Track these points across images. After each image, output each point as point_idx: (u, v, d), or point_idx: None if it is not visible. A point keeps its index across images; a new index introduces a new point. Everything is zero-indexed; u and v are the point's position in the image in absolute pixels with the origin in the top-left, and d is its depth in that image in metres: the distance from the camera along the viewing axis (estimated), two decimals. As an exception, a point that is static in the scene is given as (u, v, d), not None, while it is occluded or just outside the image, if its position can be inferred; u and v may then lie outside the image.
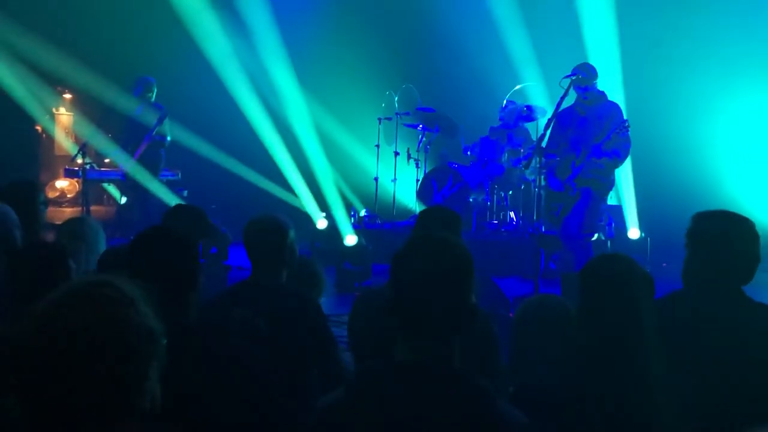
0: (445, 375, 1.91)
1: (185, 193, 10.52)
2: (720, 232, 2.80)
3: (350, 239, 8.81)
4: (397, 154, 10.31)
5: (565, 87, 6.93)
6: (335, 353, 3.36)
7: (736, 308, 2.77)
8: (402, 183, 10.48)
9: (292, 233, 3.45)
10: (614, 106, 7.24)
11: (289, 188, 11.14)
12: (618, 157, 7.04)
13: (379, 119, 10.44)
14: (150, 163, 9.44)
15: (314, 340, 3.25)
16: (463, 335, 1.96)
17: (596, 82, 7.25)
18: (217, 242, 6.93)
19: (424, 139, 10.22)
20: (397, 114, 10.41)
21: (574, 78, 7.02)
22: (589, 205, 7.04)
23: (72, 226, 4.16)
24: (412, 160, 10.23)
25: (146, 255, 2.43)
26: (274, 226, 3.42)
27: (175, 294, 2.34)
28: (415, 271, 1.93)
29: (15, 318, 1.53)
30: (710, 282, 2.79)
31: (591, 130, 7.10)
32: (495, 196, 9.67)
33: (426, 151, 10.22)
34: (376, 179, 10.37)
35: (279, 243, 3.38)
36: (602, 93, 7.30)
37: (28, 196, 4.32)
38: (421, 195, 9.87)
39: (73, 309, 1.48)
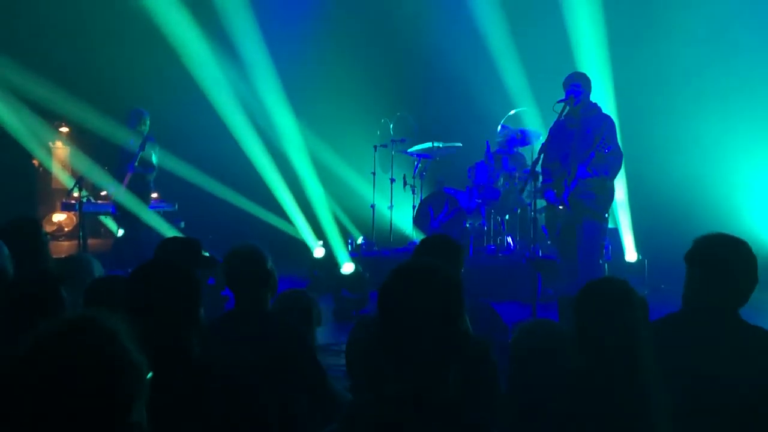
0: (437, 408, 1.87)
1: (182, 224, 10.50)
2: (719, 255, 2.83)
3: (347, 267, 8.77)
4: (393, 180, 10.30)
5: (559, 111, 6.93)
6: (325, 382, 3.33)
7: (734, 331, 2.78)
8: (398, 209, 10.46)
9: (270, 259, 3.45)
10: (605, 119, 7.08)
11: (285, 217, 11.13)
12: (606, 175, 6.94)
13: (375, 147, 10.45)
14: (138, 192, 9.33)
15: (303, 369, 3.22)
16: (456, 364, 1.93)
17: (590, 93, 7.19)
18: (214, 273, 6.89)
19: (419, 165, 10.21)
20: (392, 141, 10.42)
21: (567, 100, 7.00)
22: (593, 236, 6.99)
23: (63, 266, 4.12)
24: (408, 187, 10.22)
25: (145, 289, 2.39)
26: (254, 255, 3.41)
27: (175, 329, 2.31)
28: (402, 301, 1.90)
29: (7, 350, 1.53)
30: (709, 304, 2.80)
31: (579, 145, 6.99)
32: (491, 221, 9.64)
33: (422, 177, 10.22)
34: (372, 206, 10.35)
35: (261, 271, 3.38)
36: (595, 105, 7.23)
37: (31, 232, 4.27)
38: (417, 221, 9.85)
39: (53, 346, 1.49)
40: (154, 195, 10.19)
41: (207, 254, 5.93)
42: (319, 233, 10.36)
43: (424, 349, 1.89)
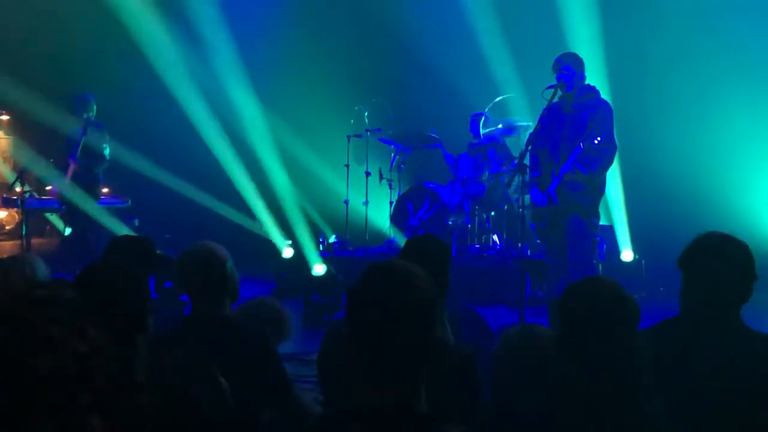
0: (411, 420, 1.88)
1: (136, 222, 10.47)
2: (714, 256, 2.90)
3: (319, 268, 8.78)
4: (368, 174, 10.32)
5: (548, 98, 6.96)
6: (291, 393, 3.34)
7: (734, 338, 2.84)
8: (374, 205, 10.48)
9: (230, 261, 3.44)
10: (602, 106, 7.07)
11: (251, 214, 11.09)
12: (594, 170, 6.95)
13: (349, 137, 10.46)
14: (85, 186, 9.15)
15: (265, 378, 3.23)
16: (429, 373, 1.94)
17: (584, 74, 7.19)
18: (171, 275, 6.87)
19: (397, 157, 10.24)
20: (367, 131, 10.43)
21: (557, 86, 7.02)
22: (583, 233, 7.03)
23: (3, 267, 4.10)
24: (384, 181, 10.25)
25: (89, 293, 2.40)
26: (210, 256, 3.41)
27: (121, 335, 2.32)
28: (372, 305, 1.91)
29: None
30: (708, 307, 2.85)
31: (571, 132, 6.98)
32: (476, 218, 9.70)
33: (400, 170, 10.24)
34: (346, 202, 10.37)
35: (218, 273, 3.38)
36: (592, 88, 7.22)
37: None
38: (395, 218, 9.88)
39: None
40: (105, 190, 10.14)
41: (163, 255, 5.93)
42: (288, 232, 10.36)
43: (396, 358, 1.90)
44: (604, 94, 7.44)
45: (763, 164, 10.30)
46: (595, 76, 8.28)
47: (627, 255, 9.73)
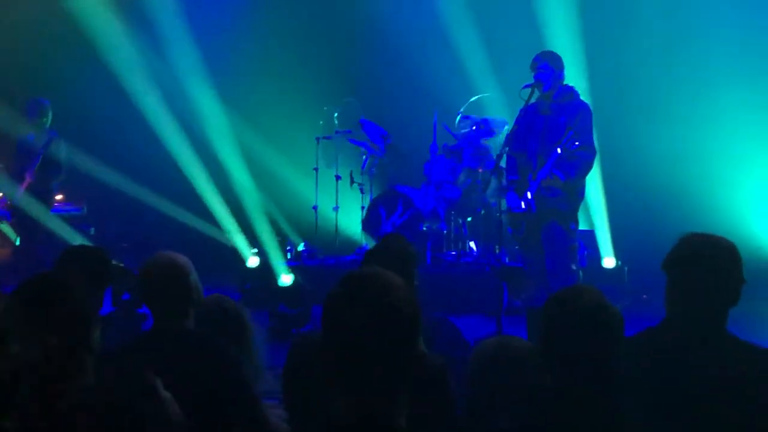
0: None
1: (92, 230, 10.38)
2: (701, 257, 2.88)
3: (286, 278, 8.74)
4: (338, 178, 10.27)
5: (526, 97, 6.95)
6: (259, 410, 3.31)
7: (720, 347, 2.83)
8: (345, 211, 10.43)
9: (193, 272, 3.40)
10: (581, 108, 7.05)
11: (214, 221, 11.02)
12: (572, 176, 6.93)
13: (317, 139, 10.40)
14: (39, 196, 9.20)
15: (232, 395, 3.19)
16: (409, 387, 1.93)
17: (563, 74, 7.18)
18: (130, 287, 6.80)
19: (368, 160, 10.20)
20: (337, 132, 10.39)
21: (534, 85, 7.02)
22: (561, 239, 7.02)
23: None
24: (355, 185, 10.21)
25: (28, 308, 2.33)
26: (172, 267, 3.37)
27: (64, 354, 2.26)
28: (350, 316, 1.89)
29: None
30: (694, 312, 2.85)
31: (549, 135, 6.96)
32: (452, 224, 9.68)
33: (371, 174, 10.20)
34: (315, 208, 10.31)
35: (181, 285, 3.35)
36: (570, 89, 7.22)
37: None
38: (367, 225, 9.84)
39: None
40: (59, 197, 10.04)
41: (120, 265, 5.84)
42: (253, 239, 10.29)
43: (373, 372, 1.88)
44: (584, 96, 7.44)
45: (747, 167, 10.40)
46: (574, 77, 8.32)
47: (609, 261, 9.78)
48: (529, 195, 7.00)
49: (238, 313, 3.79)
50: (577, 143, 6.80)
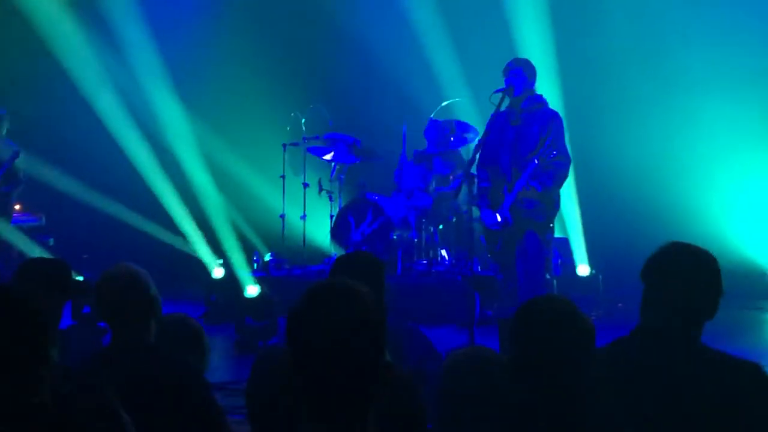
0: None
1: (51, 241, 10.29)
2: (682, 269, 2.90)
3: (252, 290, 8.72)
4: (306, 185, 10.26)
5: (497, 102, 6.98)
6: (224, 427, 3.29)
7: (692, 358, 2.84)
8: (313, 220, 10.43)
9: (153, 283, 3.40)
10: (552, 117, 7.08)
11: (177, 231, 10.97)
12: (549, 186, 6.96)
13: (284, 145, 10.39)
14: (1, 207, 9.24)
15: (196, 414, 3.17)
16: (377, 402, 1.93)
17: (534, 84, 7.18)
18: (90, 300, 6.76)
19: (337, 167, 10.20)
20: (305, 139, 10.38)
21: (506, 90, 7.05)
22: (536, 249, 7.05)
23: None
24: (324, 193, 10.20)
25: None
26: (131, 280, 3.35)
27: (19, 370, 2.25)
28: (315, 330, 1.89)
29: None
30: (669, 322, 2.86)
31: (521, 146, 7.00)
32: (423, 232, 9.70)
33: (340, 181, 10.21)
34: (282, 217, 10.29)
35: (140, 298, 3.32)
36: (540, 98, 7.28)
37: None
38: (336, 233, 9.83)
39: None
40: (17, 207, 9.96)
41: (80, 278, 5.80)
42: (218, 250, 10.26)
43: (341, 386, 1.89)
44: (556, 103, 7.50)
45: (720, 174, 10.55)
46: (546, 83, 8.39)
47: (583, 269, 9.85)
48: (504, 208, 7.03)
49: (199, 335, 3.79)
50: (555, 152, 6.85)
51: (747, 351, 3.93)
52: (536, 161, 6.82)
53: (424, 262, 9.61)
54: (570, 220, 10.09)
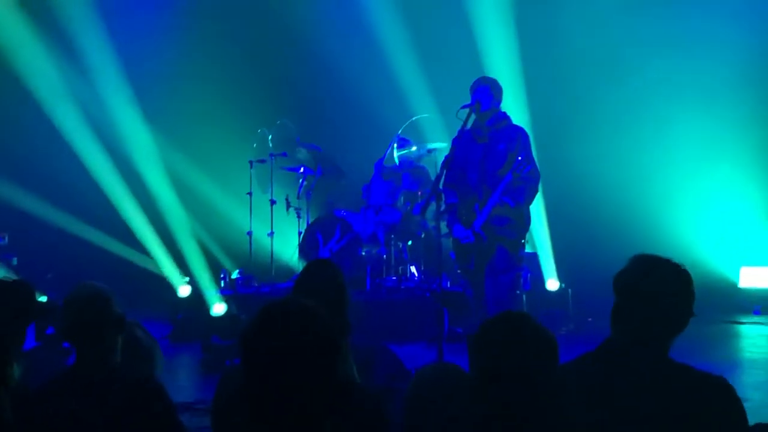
0: None
1: (14, 260, 10.18)
2: (647, 279, 2.88)
3: (219, 308, 8.66)
4: (273, 202, 10.23)
5: (464, 118, 7.00)
6: None
7: (657, 372, 2.84)
8: (281, 237, 10.40)
9: (116, 303, 3.37)
10: (518, 132, 7.10)
11: (142, 249, 10.90)
12: (521, 201, 6.99)
13: (251, 162, 10.36)
14: None
15: None
16: (333, 419, 1.93)
17: (500, 103, 7.23)
18: (54, 321, 6.71)
19: (305, 183, 10.19)
20: (271, 155, 10.35)
21: (473, 106, 7.07)
22: (505, 265, 7.06)
23: None
24: (292, 209, 10.18)
25: None
26: (94, 299, 3.32)
27: None
28: (267, 349, 1.91)
29: None
30: (639, 336, 2.85)
31: (490, 164, 7.02)
32: (392, 248, 9.70)
33: (308, 197, 10.20)
34: (249, 234, 10.25)
35: (104, 318, 3.29)
36: (504, 115, 7.31)
37: None
38: (304, 250, 9.82)
39: None
40: (-22, 226, 9.89)
41: (44, 298, 5.74)
42: (184, 268, 10.20)
43: (294, 404, 1.89)
44: (523, 118, 7.54)
45: (687, 187, 10.68)
46: (513, 99, 8.43)
47: (552, 284, 9.86)
48: (477, 225, 7.03)
49: (150, 344, 3.77)
50: (529, 167, 6.89)
51: (714, 365, 3.95)
52: (510, 176, 6.84)
53: (394, 278, 9.61)
54: (538, 234, 10.13)
